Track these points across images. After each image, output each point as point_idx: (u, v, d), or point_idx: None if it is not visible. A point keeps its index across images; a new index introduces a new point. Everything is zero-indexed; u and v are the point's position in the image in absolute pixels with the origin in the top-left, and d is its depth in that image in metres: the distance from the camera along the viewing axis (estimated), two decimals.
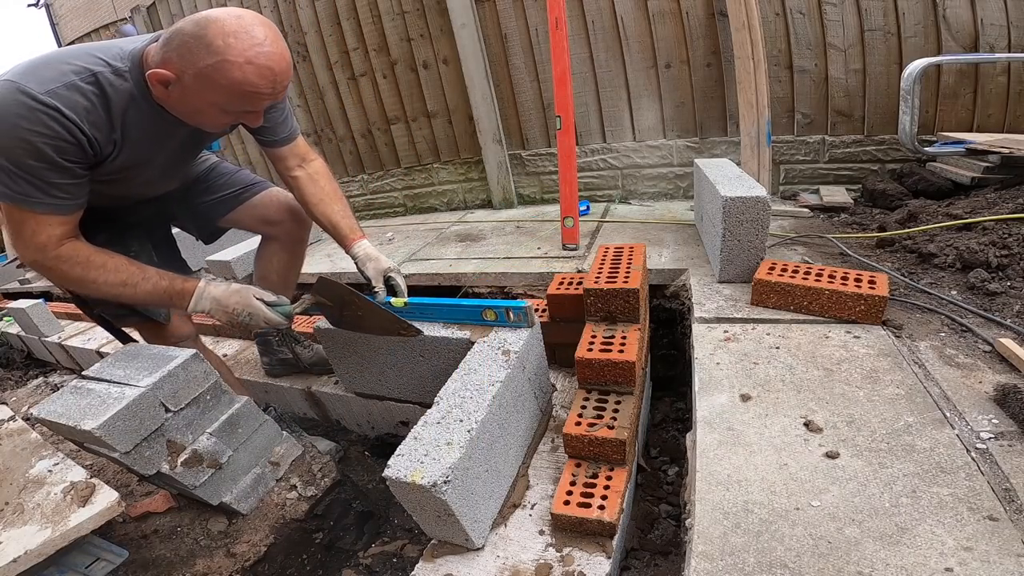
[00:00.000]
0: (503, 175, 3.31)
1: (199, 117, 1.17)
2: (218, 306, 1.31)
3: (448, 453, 0.98)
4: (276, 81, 1.10)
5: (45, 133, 1.04)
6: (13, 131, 1.02)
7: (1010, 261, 1.49)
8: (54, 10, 6.06)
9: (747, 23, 2.34)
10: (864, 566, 0.81)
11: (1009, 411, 1.05)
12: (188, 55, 1.04)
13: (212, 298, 1.31)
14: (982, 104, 2.36)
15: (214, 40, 1.02)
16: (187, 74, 1.05)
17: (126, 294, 1.27)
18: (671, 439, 1.73)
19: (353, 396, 1.79)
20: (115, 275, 1.25)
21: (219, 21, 1.03)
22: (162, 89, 1.10)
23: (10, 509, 1.23)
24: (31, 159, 1.06)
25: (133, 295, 1.28)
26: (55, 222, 1.16)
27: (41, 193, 1.10)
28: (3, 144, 1.04)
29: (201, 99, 1.10)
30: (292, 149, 1.52)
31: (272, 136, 1.47)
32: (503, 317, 1.34)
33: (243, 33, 1.04)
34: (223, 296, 1.31)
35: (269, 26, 1.09)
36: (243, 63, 1.03)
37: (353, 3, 3.23)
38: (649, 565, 1.22)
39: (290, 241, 1.77)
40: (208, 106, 1.11)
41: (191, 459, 1.32)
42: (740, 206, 1.59)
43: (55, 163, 1.08)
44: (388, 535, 1.64)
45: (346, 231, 1.50)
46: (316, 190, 1.53)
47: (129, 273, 1.26)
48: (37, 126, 1.03)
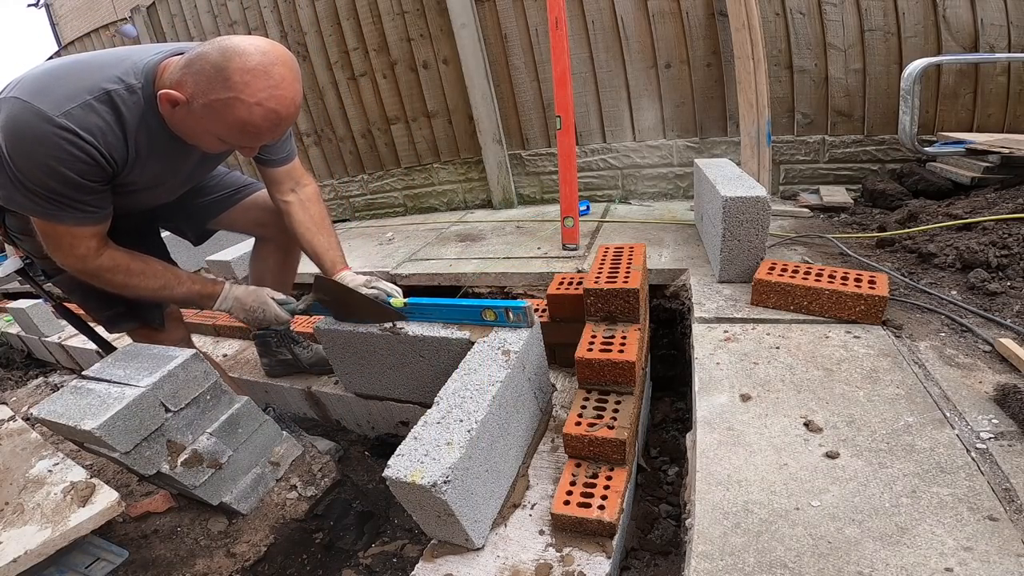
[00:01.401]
0: (503, 175, 3.31)
1: (195, 139, 1.18)
2: (238, 304, 1.47)
3: (448, 453, 0.98)
4: (279, 125, 1.11)
5: (64, 158, 1.06)
6: (33, 157, 1.04)
7: (1010, 261, 1.49)
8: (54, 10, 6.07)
9: (747, 23, 2.34)
10: (864, 566, 0.81)
11: (1009, 411, 1.05)
12: (204, 83, 1.04)
13: (234, 297, 1.47)
14: (982, 104, 2.36)
15: (233, 75, 1.02)
16: (197, 101, 1.06)
17: (162, 296, 1.42)
18: (671, 439, 1.73)
19: (353, 396, 1.79)
20: (154, 280, 1.37)
21: (244, 55, 1.03)
22: (168, 107, 1.11)
23: (10, 509, 1.23)
24: (54, 182, 1.09)
25: (169, 297, 1.42)
26: (89, 233, 1.23)
27: (71, 209, 1.15)
28: (24, 169, 1.06)
29: (202, 127, 1.11)
30: (288, 171, 1.53)
31: (270, 156, 1.48)
32: (503, 317, 1.34)
33: (262, 73, 1.04)
34: (243, 295, 1.47)
35: (290, 67, 1.09)
36: (253, 104, 1.04)
37: (353, 3, 3.23)
38: (649, 565, 1.22)
39: (284, 242, 1.77)
40: (206, 134, 1.13)
41: (191, 459, 1.32)
42: (740, 206, 1.59)
43: (78, 184, 1.11)
44: (388, 535, 1.64)
45: (327, 264, 1.53)
46: (306, 218, 1.55)
47: (166, 278, 1.39)
48: (56, 151, 1.04)
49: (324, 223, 1.58)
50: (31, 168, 1.06)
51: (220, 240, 2.51)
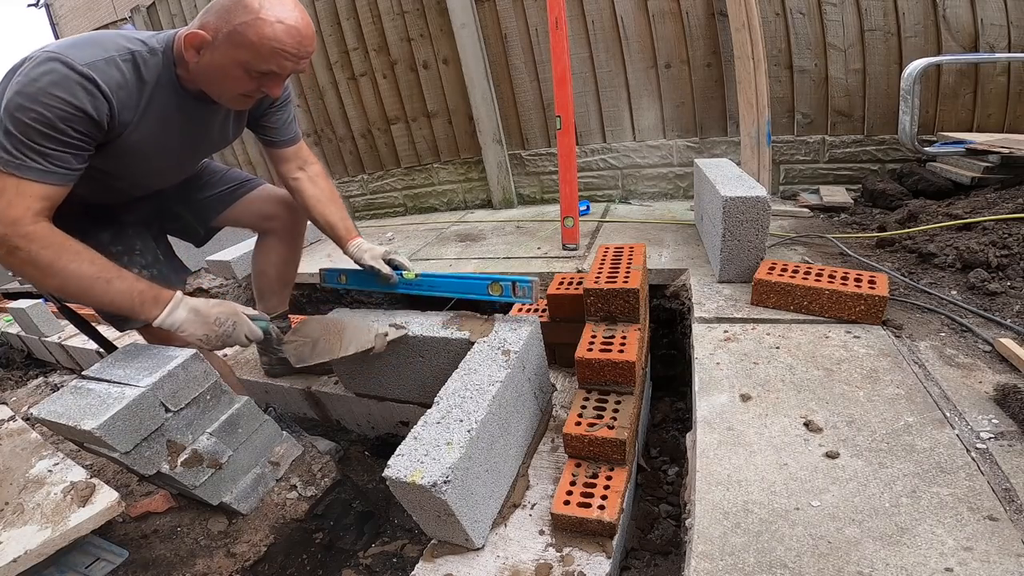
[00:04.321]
0: (503, 175, 3.31)
1: (223, 82, 1.21)
2: (196, 316, 1.26)
3: (448, 453, 0.98)
4: (301, 44, 1.18)
5: (70, 101, 1.06)
6: (38, 94, 1.04)
7: (1010, 261, 1.49)
8: (54, 10, 6.07)
9: (747, 23, 2.34)
10: (864, 566, 0.81)
11: (1009, 411, 1.05)
12: (225, 15, 1.14)
13: (191, 307, 1.26)
14: (982, 104, 2.36)
15: (251, 2, 1.13)
16: (221, 33, 1.14)
17: (96, 290, 1.16)
18: (671, 439, 1.73)
19: (353, 396, 1.79)
20: (89, 266, 1.15)
21: None
22: (193, 54, 1.17)
23: (10, 509, 1.23)
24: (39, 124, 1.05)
25: (103, 292, 1.17)
26: (37, 193, 1.09)
27: (36, 156, 1.07)
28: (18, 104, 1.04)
29: (230, 58, 1.16)
30: (296, 151, 1.62)
31: (279, 137, 1.57)
32: (508, 291, 1.39)
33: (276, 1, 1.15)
34: (204, 306, 1.28)
35: (297, 3, 1.20)
36: (274, 22, 1.13)
37: (353, 3, 3.23)
38: (649, 565, 1.22)
39: (287, 235, 1.79)
40: (235, 66, 1.17)
41: (191, 459, 1.32)
42: (740, 206, 1.59)
43: (63, 133, 1.08)
44: (388, 535, 1.64)
45: (342, 232, 1.61)
46: (316, 192, 1.63)
47: (104, 266, 1.17)
48: (64, 93, 1.05)
49: (334, 196, 1.67)
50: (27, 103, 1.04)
51: (220, 241, 2.50)
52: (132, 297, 1.20)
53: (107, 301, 1.20)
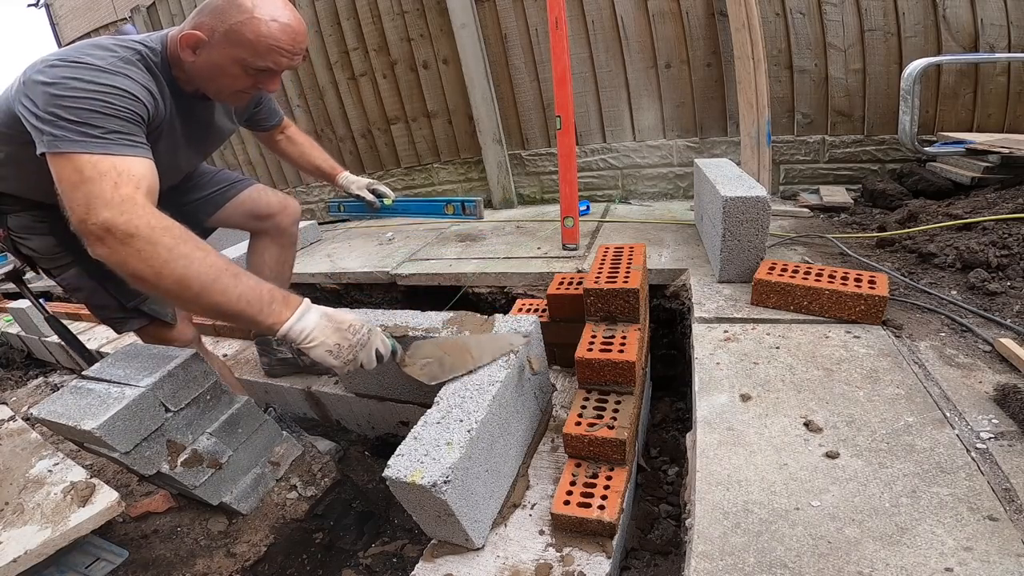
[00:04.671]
0: (503, 175, 3.31)
1: (221, 79, 1.23)
2: (329, 322, 1.08)
3: (448, 453, 0.98)
4: (296, 40, 1.21)
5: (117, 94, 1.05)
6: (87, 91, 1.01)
7: (1010, 261, 1.49)
8: (54, 10, 6.05)
9: (747, 23, 2.34)
10: (864, 566, 0.81)
11: (1009, 411, 1.05)
12: (220, 15, 1.16)
13: (322, 312, 1.09)
14: (982, 104, 2.36)
15: (244, 2, 1.15)
16: (217, 32, 1.16)
17: (221, 284, 0.99)
18: (671, 439, 1.73)
19: (353, 396, 1.78)
20: (216, 256, 1.00)
21: None
22: (190, 54, 1.19)
23: (10, 509, 1.23)
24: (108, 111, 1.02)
25: (231, 287, 0.99)
26: (139, 170, 1.00)
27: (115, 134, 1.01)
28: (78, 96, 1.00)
29: (227, 56, 1.18)
30: (279, 128, 1.88)
31: (269, 122, 1.82)
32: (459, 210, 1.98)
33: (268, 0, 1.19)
34: (335, 312, 1.11)
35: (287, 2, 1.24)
36: (269, 20, 1.16)
37: (353, 3, 3.23)
38: (649, 565, 1.22)
39: (280, 234, 1.81)
40: (233, 63, 1.19)
41: (191, 459, 1.32)
42: (740, 206, 1.59)
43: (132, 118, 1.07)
44: (388, 535, 1.64)
45: (328, 169, 2.02)
46: (299, 140, 1.94)
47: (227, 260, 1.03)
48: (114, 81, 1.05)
49: (313, 144, 1.99)
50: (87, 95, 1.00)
51: (220, 240, 2.51)
52: (261, 295, 1.02)
53: (234, 297, 1.00)
